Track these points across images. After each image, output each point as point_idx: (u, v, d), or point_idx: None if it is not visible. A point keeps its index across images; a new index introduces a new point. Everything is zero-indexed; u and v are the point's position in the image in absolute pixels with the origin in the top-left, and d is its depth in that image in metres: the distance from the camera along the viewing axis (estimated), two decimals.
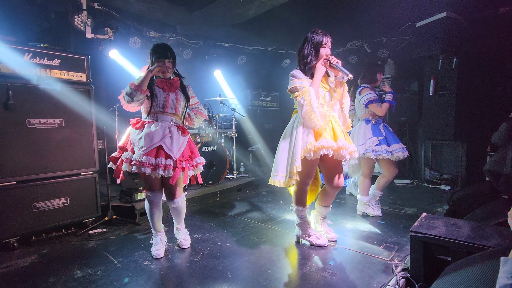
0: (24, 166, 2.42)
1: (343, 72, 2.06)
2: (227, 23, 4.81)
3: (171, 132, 2.12)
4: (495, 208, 2.15)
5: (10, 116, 2.35)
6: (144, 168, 1.98)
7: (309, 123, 2.07)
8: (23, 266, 2.10)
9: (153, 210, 2.22)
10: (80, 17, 3.41)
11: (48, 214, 2.53)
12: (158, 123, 2.12)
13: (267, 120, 5.85)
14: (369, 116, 2.98)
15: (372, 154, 2.80)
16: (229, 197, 4.00)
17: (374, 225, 2.79)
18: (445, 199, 3.54)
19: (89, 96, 2.79)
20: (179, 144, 2.14)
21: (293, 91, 2.10)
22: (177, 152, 2.09)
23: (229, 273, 1.94)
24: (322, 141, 2.03)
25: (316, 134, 2.08)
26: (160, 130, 2.09)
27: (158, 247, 2.23)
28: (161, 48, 2.16)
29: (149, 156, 2.00)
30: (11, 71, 2.36)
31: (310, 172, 2.19)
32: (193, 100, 2.37)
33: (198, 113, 2.39)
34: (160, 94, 2.14)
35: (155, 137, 2.06)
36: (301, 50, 2.18)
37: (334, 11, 4.51)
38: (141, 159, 1.99)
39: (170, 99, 2.16)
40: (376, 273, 1.89)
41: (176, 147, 2.10)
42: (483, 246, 1.43)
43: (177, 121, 2.23)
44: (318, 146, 2.01)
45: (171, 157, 2.05)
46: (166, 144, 2.06)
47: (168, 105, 2.15)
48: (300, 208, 2.30)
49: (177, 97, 2.20)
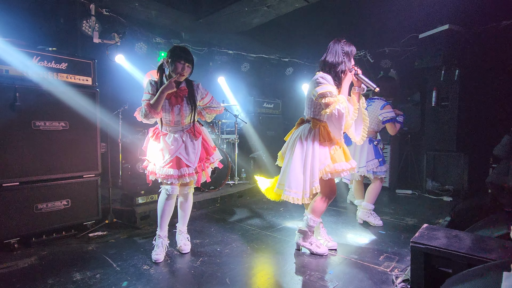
0: (27, 167, 2.44)
1: (370, 85, 2.05)
2: (232, 31, 4.89)
3: (184, 142, 2.20)
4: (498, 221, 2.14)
5: (16, 117, 2.38)
6: (171, 179, 2.13)
7: (338, 135, 2.04)
8: (22, 267, 2.10)
9: (167, 205, 2.23)
10: (88, 22, 3.48)
11: (49, 216, 2.54)
12: (171, 134, 2.21)
13: (269, 127, 5.87)
14: (372, 133, 3.01)
15: (372, 175, 2.96)
16: (229, 203, 3.99)
17: (375, 235, 2.77)
18: (447, 210, 3.52)
19: (94, 100, 2.82)
20: (195, 151, 2.23)
21: (326, 95, 1.96)
22: (195, 159, 2.21)
23: (228, 279, 1.93)
24: (341, 165, 2.08)
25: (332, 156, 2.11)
26: (174, 141, 2.18)
27: (159, 251, 2.22)
28: (182, 49, 2.15)
29: (171, 169, 2.13)
30: (19, 74, 2.40)
31: (334, 188, 2.22)
32: (205, 99, 2.33)
33: (211, 111, 2.41)
34: (166, 108, 2.16)
35: (171, 149, 2.16)
36: (330, 58, 2.12)
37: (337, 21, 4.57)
38: (167, 173, 2.12)
39: (175, 113, 2.18)
40: (376, 284, 1.87)
41: (192, 155, 2.21)
42: (485, 259, 1.41)
43: (188, 126, 2.27)
44: (338, 170, 2.07)
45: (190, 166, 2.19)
46: (183, 155, 2.17)
47: (173, 120, 2.20)
48: (316, 219, 2.26)
49: (182, 110, 2.19)
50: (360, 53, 5.35)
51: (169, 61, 2.13)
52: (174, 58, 2.10)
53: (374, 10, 4.10)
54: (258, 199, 4.22)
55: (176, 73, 2.11)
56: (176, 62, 2.09)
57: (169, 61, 2.13)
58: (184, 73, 2.13)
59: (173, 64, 2.10)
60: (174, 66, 2.10)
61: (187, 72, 2.16)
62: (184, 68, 2.12)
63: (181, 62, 2.10)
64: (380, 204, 3.98)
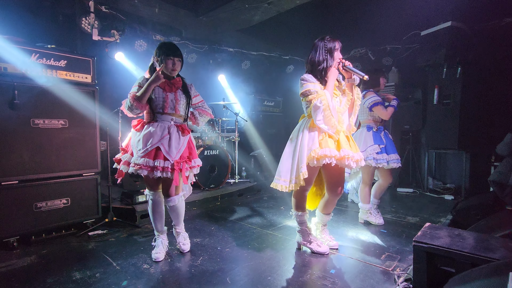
0: (26, 165, 2.43)
1: (358, 74, 2.05)
2: (232, 28, 4.85)
3: (170, 133, 2.11)
4: (500, 220, 2.12)
5: (15, 115, 2.36)
6: (142, 170, 1.99)
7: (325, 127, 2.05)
8: (21, 266, 2.09)
9: (155, 209, 2.22)
10: (87, 20, 3.45)
11: (48, 214, 2.53)
12: (157, 124, 2.11)
13: (270, 125, 5.85)
14: (371, 122, 2.97)
15: (373, 161, 2.80)
16: (230, 201, 3.98)
17: (376, 233, 2.75)
18: (449, 209, 3.50)
19: (93, 98, 2.80)
20: (179, 145, 2.12)
21: (306, 94, 2.06)
22: (176, 153, 2.08)
23: (228, 279, 1.92)
24: (325, 150, 2.01)
25: (320, 142, 2.07)
26: (159, 131, 2.08)
27: (158, 250, 2.21)
28: (170, 46, 2.13)
29: (147, 159, 2.00)
30: (18, 71, 2.38)
31: (311, 179, 2.18)
32: (196, 99, 2.34)
33: (202, 111, 2.36)
34: (159, 94, 2.12)
35: (154, 138, 2.05)
36: (313, 57, 2.15)
37: (338, 18, 4.53)
38: (139, 162, 2.00)
39: (169, 99, 2.14)
40: (378, 283, 1.86)
41: (175, 148, 2.08)
42: (489, 258, 1.40)
43: (178, 121, 2.21)
44: (321, 155, 2.00)
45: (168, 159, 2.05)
46: (164, 146, 2.05)
47: (167, 106, 2.14)
48: (300, 213, 2.28)
49: (177, 96, 2.18)
50: (361, 51, 5.31)
51: (158, 60, 2.12)
52: (163, 55, 2.10)
53: (375, 7, 4.06)
54: (258, 198, 4.20)
55: (170, 70, 2.13)
56: (166, 59, 2.10)
57: (158, 59, 2.12)
58: (175, 68, 2.14)
59: (163, 62, 2.10)
60: (165, 63, 2.10)
61: (178, 66, 2.17)
62: (174, 63, 2.12)
63: (171, 58, 2.10)
64: (381, 202, 3.97)
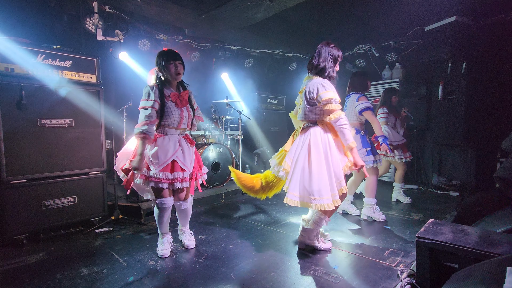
0: (34, 164, 2.47)
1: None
2: (235, 26, 4.85)
3: (181, 145, 2.18)
4: (505, 215, 2.11)
5: (22, 115, 2.41)
6: (162, 184, 2.07)
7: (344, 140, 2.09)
8: (31, 263, 2.14)
9: (163, 215, 2.21)
10: (91, 20, 3.49)
11: (56, 212, 2.58)
12: (167, 137, 2.15)
13: (273, 123, 5.85)
14: (358, 125, 3.07)
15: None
16: (234, 199, 4.01)
17: (380, 230, 2.76)
18: (454, 205, 3.48)
19: (98, 97, 2.84)
20: (190, 156, 2.22)
21: (329, 102, 2.03)
22: (190, 164, 2.18)
23: (232, 274, 1.94)
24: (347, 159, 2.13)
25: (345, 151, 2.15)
26: (172, 144, 2.13)
27: (165, 247, 2.25)
28: (168, 52, 2.14)
29: (165, 172, 2.07)
30: (25, 72, 2.42)
31: None
32: (195, 105, 2.35)
33: (198, 118, 2.40)
34: (174, 111, 2.12)
35: (169, 151, 2.10)
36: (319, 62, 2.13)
37: (342, 15, 4.51)
38: (159, 176, 2.05)
39: (183, 115, 2.18)
40: (381, 279, 1.87)
41: (188, 159, 2.18)
42: (491, 254, 1.40)
43: (184, 133, 2.29)
44: (350, 165, 2.10)
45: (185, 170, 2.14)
46: (179, 159, 2.13)
47: (182, 122, 2.18)
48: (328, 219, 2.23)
49: (188, 112, 2.23)
50: (365, 47, 5.28)
51: (161, 69, 2.13)
52: (164, 62, 2.10)
53: (379, 2, 4.03)
54: None
55: (174, 74, 2.12)
56: (167, 65, 2.10)
57: (160, 68, 2.13)
58: (179, 71, 2.13)
59: (166, 69, 2.10)
60: (168, 69, 2.10)
61: (181, 70, 2.15)
62: (177, 67, 2.12)
63: (171, 63, 2.10)
64: (386, 199, 3.96)
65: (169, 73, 2.12)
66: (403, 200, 3.77)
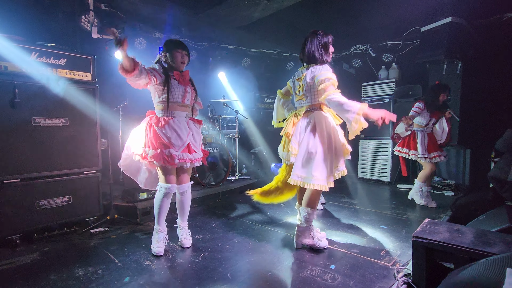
0: (28, 163, 2.44)
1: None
2: (232, 26, 4.84)
3: (190, 128, 2.27)
4: (499, 215, 2.13)
5: (16, 114, 2.37)
6: (185, 163, 2.17)
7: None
8: (24, 263, 2.11)
9: (164, 201, 2.22)
10: (87, 18, 3.45)
11: (50, 212, 2.55)
12: (176, 119, 2.20)
13: (270, 123, 5.74)
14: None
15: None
16: (231, 198, 4.00)
17: (376, 229, 2.77)
18: (449, 205, 3.51)
19: (94, 96, 2.81)
20: (199, 137, 2.35)
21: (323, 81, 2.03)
22: (199, 145, 2.33)
23: (229, 274, 1.94)
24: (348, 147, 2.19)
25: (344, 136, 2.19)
26: (183, 128, 2.22)
27: (159, 244, 2.23)
28: (178, 41, 2.26)
29: (185, 153, 2.18)
30: (18, 70, 2.38)
31: None
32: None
33: (198, 104, 2.46)
34: (177, 87, 2.20)
35: (183, 134, 2.20)
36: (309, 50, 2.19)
37: (339, 15, 4.52)
38: (183, 157, 2.15)
39: (187, 91, 2.25)
40: (377, 278, 1.88)
41: (198, 142, 2.32)
42: (487, 253, 1.41)
43: (189, 115, 2.35)
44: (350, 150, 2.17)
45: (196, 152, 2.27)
46: (192, 141, 2.25)
47: (185, 97, 2.25)
48: (315, 211, 2.27)
49: (191, 89, 2.30)
50: (361, 47, 5.30)
51: (167, 54, 2.21)
52: (171, 49, 2.20)
53: (375, 3, 4.05)
54: None
55: (179, 62, 2.21)
56: (174, 52, 2.18)
57: (167, 54, 2.21)
58: (184, 60, 2.23)
59: (171, 55, 2.19)
60: (173, 56, 2.19)
61: (186, 60, 2.26)
62: (183, 56, 2.22)
63: (179, 51, 2.20)
64: (381, 199, 3.99)
65: (175, 60, 2.20)
66: (418, 201, 3.60)
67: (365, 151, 5.28)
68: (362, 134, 5.28)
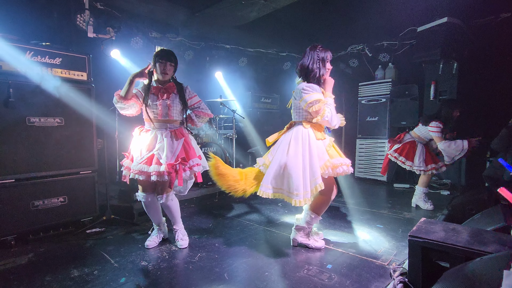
0: (23, 164, 2.41)
1: None
2: (229, 25, 4.83)
3: (164, 140, 2.21)
4: (494, 214, 2.15)
5: (10, 113, 2.34)
6: (139, 175, 2.17)
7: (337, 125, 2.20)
8: (19, 264, 2.09)
9: (147, 209, 2.38)
10: (82, 17, 3.43)
11: (46, 213, 2.53)
12: (153, 131, 2.26)
13: (267, 122, 5.85)
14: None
15: None
16: (228, 198, 3.99)
17: (373, 228, 2.78)
18: (445, 204, 3.53)
19: (89, 95, 2.79)
20: (173, 150, 2.20)
21: (313, 104, 2.06)
22: (171, 158, 2.16)
23: (226, 274, 1.93)
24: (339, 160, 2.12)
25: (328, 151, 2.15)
26: (154, 139, 2.23)
27: (151, 238, 2.38)
28: (163, 51, 2.26)
29: (144, 165, 2.16)
30: (13, 69, 2.36)
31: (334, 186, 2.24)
32: (193, 100, 2.39)
33: (200, 113, 2.39)
34: (153, 101, 2.22)
35: (149, 146, 2.22)
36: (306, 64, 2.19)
37: (335, 15, 4.52)
38: (136, 168, 2.17)
39: (162, 106, 2.23)
40: (374, 277, 1.88)
41: (169, 153, 2.17)
42: (482, 252, 1.42)
43: (174, 126, 2.30)
44: (337, 164, 2.09)
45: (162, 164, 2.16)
46: (160, 153, 2.18)
47: (160, 113, 2.24)
48: (318, 218, 2.28)
49: (170, 103, 2.25)
50: (358, 47, 5.32)
51: (153, 65, 2.25)
52: (155, 60, 2.22)
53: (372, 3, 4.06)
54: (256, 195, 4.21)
55: (160, 73, 2.22)
56: (157, 63, 2.22)
57: (153, 64, 2.25)
58: (167, 71, 2.23)
59: (155, 66, 2.23)
60: (156, 67, 2.23)
61: (170, 71, 2.25)
62: (166, 66, 2.21)
63: (161, 62, 2.20)
64: (378, 198, 4.00)
65: (157, 70, 2.23)
66: (423, 206, 3.45)
67: (361, 151, 5.30)
68: (359, 134, 5.30)
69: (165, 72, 2.22)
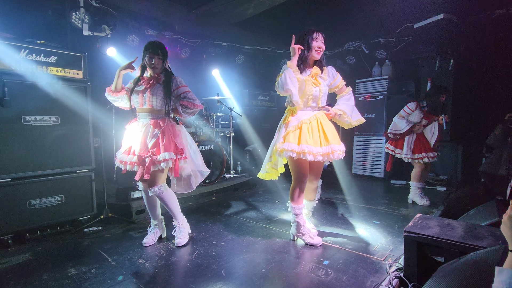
0: (19, 163, 2.41)
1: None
2: (226, 22, 4.81)
3: (144, 130, 2.24)
4: (489, 209, 2.17)
5: (6, 112, 2.33)
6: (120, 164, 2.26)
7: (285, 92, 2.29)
8: (16, 263, 2.09)
9: (146, 198, 2.40)
10: (77, 14, 3.40)
11: (43, 212, 2.52)
12: (138, 122, 2.31)
13: (264, 120, 5.85)
14: None
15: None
16: (225, 196, 4.00)
17: (370, 225, 2.80)
18: (441, 200, 3.56)
19: (85, 94, 2.78)
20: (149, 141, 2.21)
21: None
22: (144, 150, 2.18)
23: (223, 271, 1.94)
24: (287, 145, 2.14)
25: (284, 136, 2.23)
26: (135, 129, 2.28)
27: (148, 236, 2.40)
28: (152, 44, 2.25)
29: (123, 154, 2.25)
30: (8, 68, 2.34)
31: (301, 171, 2.23)
32: (180, 90, 2.31)
33: (186, 103, 2.29)
34: (138, 92, 2.27)
35: (130, 137, 2.29)
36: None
37: (332, 11, 4.52)
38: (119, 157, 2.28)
39: (143, 94, 2.26)
40: (370, 273, 1.90)
41: (143, 145, 2.20)
42: (476, 247, 1.44)
43: (156, 116, 2.28)
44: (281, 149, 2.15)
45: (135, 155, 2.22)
46: (136, 144, 2.23)
47: (141, 102, 2.27)
48: (294, 205, 2.31)
49: (153, 92, 2.25)
50: (355, 44, 5.32)
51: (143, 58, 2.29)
52: (144, 53, 2.25)
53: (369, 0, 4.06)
54: (253, 192, 4.23)
55: (149, 66, 2.26)
56: (145, 56, 2.25)
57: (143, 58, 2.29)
58: (155, 64, 2.23)
59: (144, 59, 2.26)
60: (145, 59, 2.26)
61: (158, 64, 2.25)
62: (154, 59, 2.22)
63: (148, 55, 2.22)
64: (375, 194, 4.02)
65: (146, 63, 2.26)
66: (419, 202, 3.44)
67: (359, 148, 5.32)
68: (357, 131, 5.32)
69: (154, 66, 2.24)
